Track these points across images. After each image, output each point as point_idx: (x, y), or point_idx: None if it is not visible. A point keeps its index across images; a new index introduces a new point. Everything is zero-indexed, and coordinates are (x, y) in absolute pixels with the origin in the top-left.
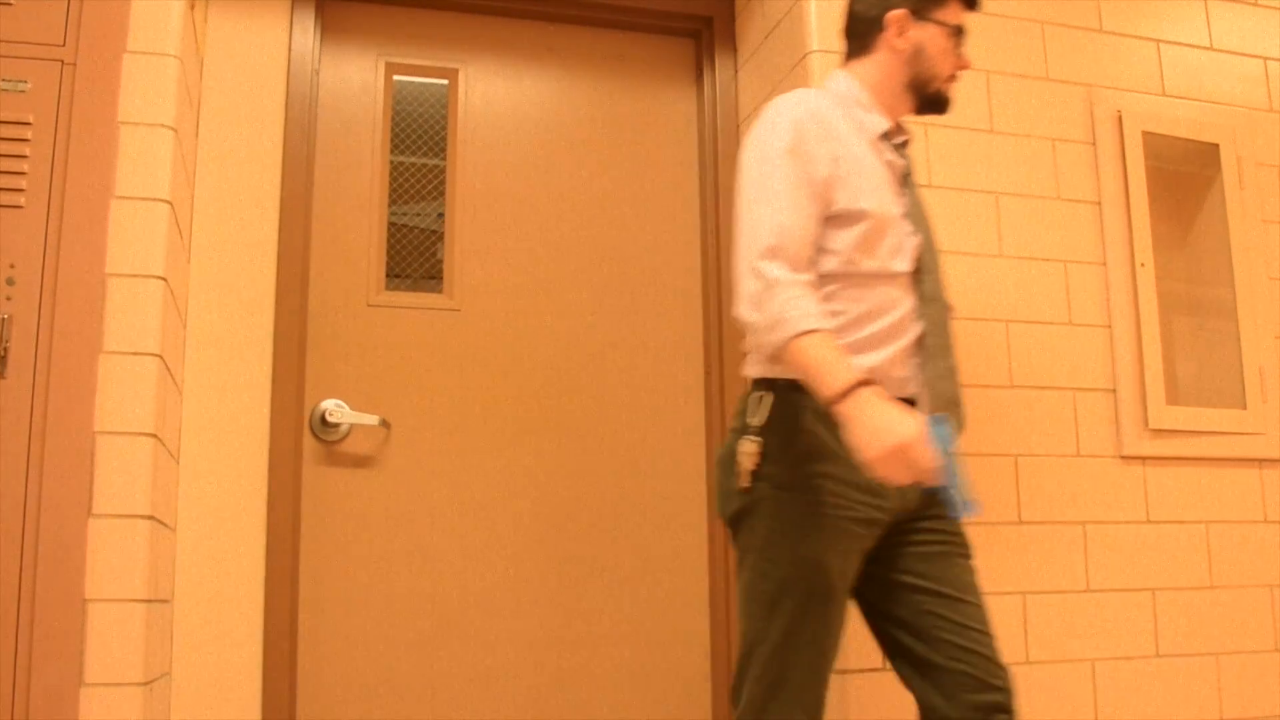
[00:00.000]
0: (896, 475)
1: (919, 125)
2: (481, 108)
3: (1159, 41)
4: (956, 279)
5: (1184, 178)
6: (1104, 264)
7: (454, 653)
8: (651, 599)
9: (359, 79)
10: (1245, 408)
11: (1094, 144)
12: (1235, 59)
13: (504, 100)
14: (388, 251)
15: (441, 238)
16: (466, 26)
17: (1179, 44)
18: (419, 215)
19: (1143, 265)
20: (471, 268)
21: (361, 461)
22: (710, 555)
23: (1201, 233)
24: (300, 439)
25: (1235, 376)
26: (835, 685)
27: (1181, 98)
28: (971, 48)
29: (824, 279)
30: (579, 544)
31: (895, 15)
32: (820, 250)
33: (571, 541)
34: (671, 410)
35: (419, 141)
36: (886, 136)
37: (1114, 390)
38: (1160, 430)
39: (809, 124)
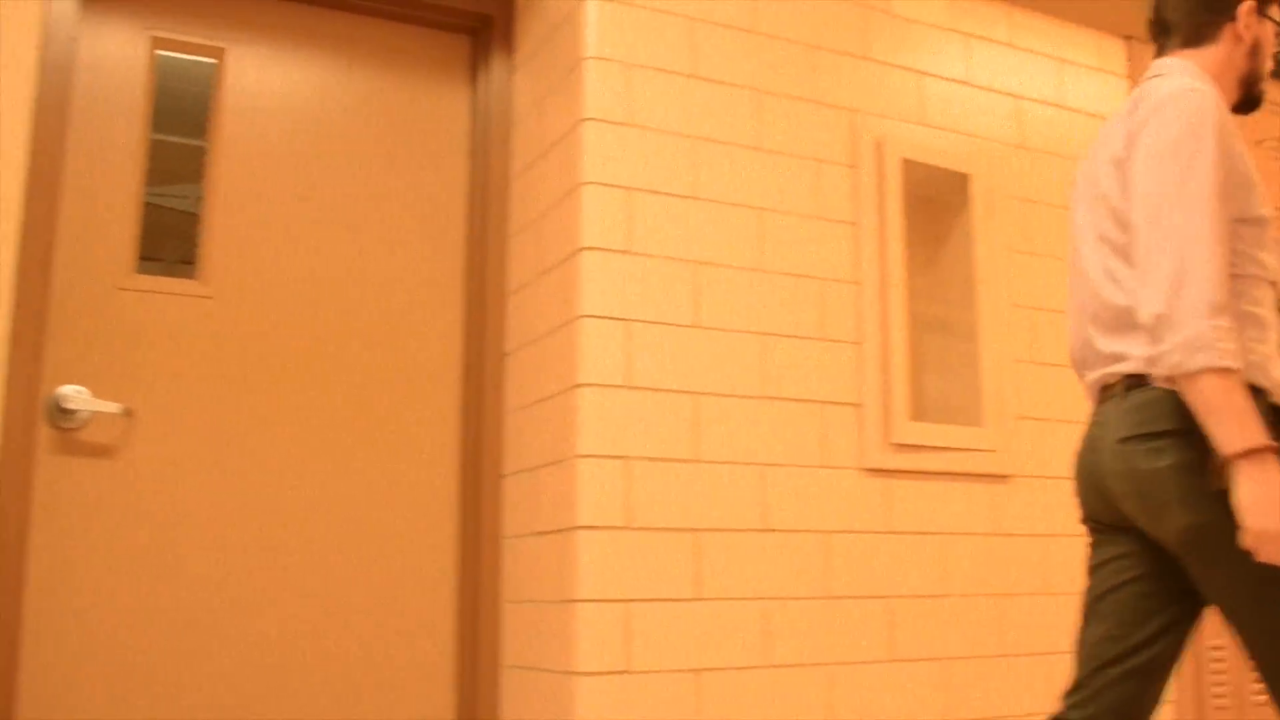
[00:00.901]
0: (1273, 555)
1: (690, 140)
2: (249, 90)
3: (922, 73)
4: (717, 290)
5: (938, 204)
6: (858, 283)
7: (197, 653)
8: (400, 593)
9: (120, 51)
10: (982, 425)
11: (855, 167)
12: (990, 95)
13: (272, 84)
14: (142, 234)
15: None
16: (238, 5)
17: (940, 77)
18: (179, 197)
19: (894, 286)
20: (228, 255)
21: (101, 451)
22: (461, 547)
23: (951, 257)
24: (34, 426)
25: (975, 395)
26: (563, 687)
27: (939, 128)
28: (743, 67)
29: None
30: (331, 536)
31: (1247, 5)
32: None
33: (324, 533)
34: (426, 403)
35: (183, 121)
36: None
37: (860, 405)
38: (903, 445)
39: (1226, 122)
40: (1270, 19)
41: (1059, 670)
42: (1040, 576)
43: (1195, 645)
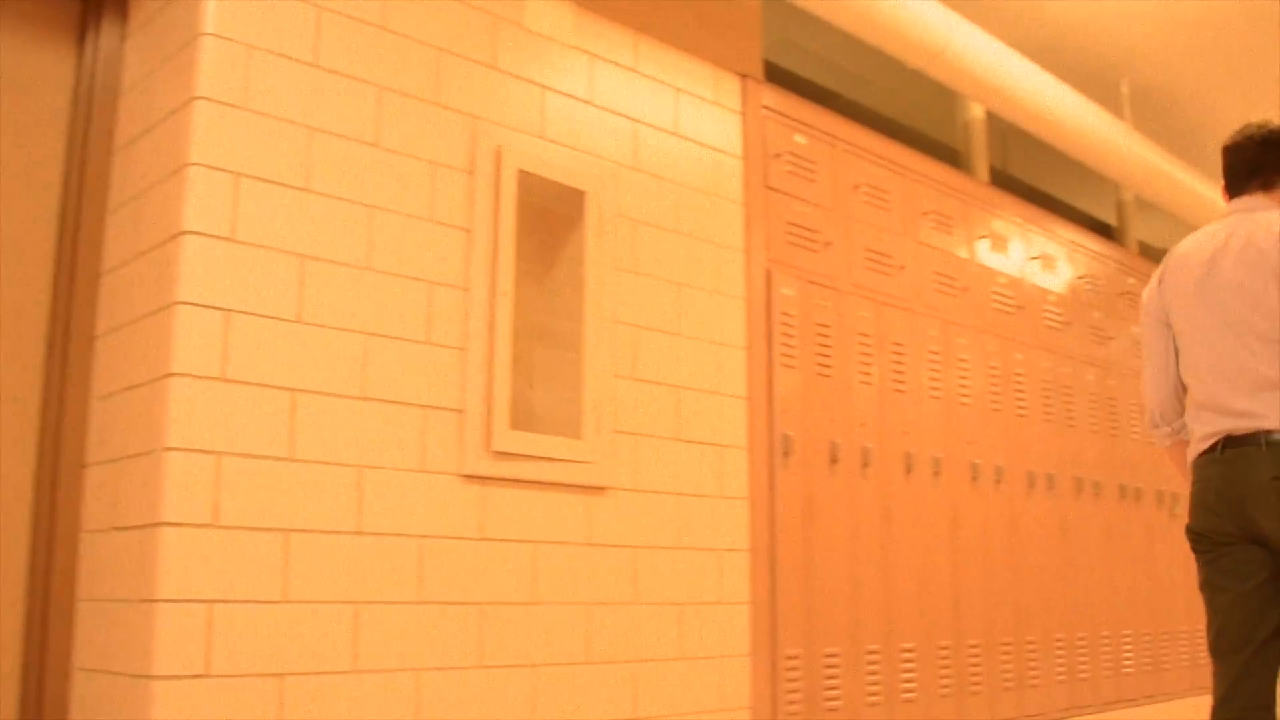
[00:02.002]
0: None
1: (306, 130)
2: None
3: (545, 88)
4: (322, 286)
5: (554, 218)
6: (467, 289)
7: None
8: None
9: None
10: (580, 437)
11: (472, 174)
12: (610, 116)
13: None
14: None
15: None
16: None
17: (563, 94)
18: None
19: (504, 294)
20: None
21: None
22: (33, 540)
23: (563, 271)
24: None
25: (576, 408)
26: (137, 691)
27: (559, 144)
28: (367, 62)
29: None
30: None
31: None
32: None
33: None
34: (6, 378)
35: None
36: None
37: (462, 410)
38: (502, 453)
39: None
40: None
41: (646, 677)
42: (631, 586)
43: (771, 653)
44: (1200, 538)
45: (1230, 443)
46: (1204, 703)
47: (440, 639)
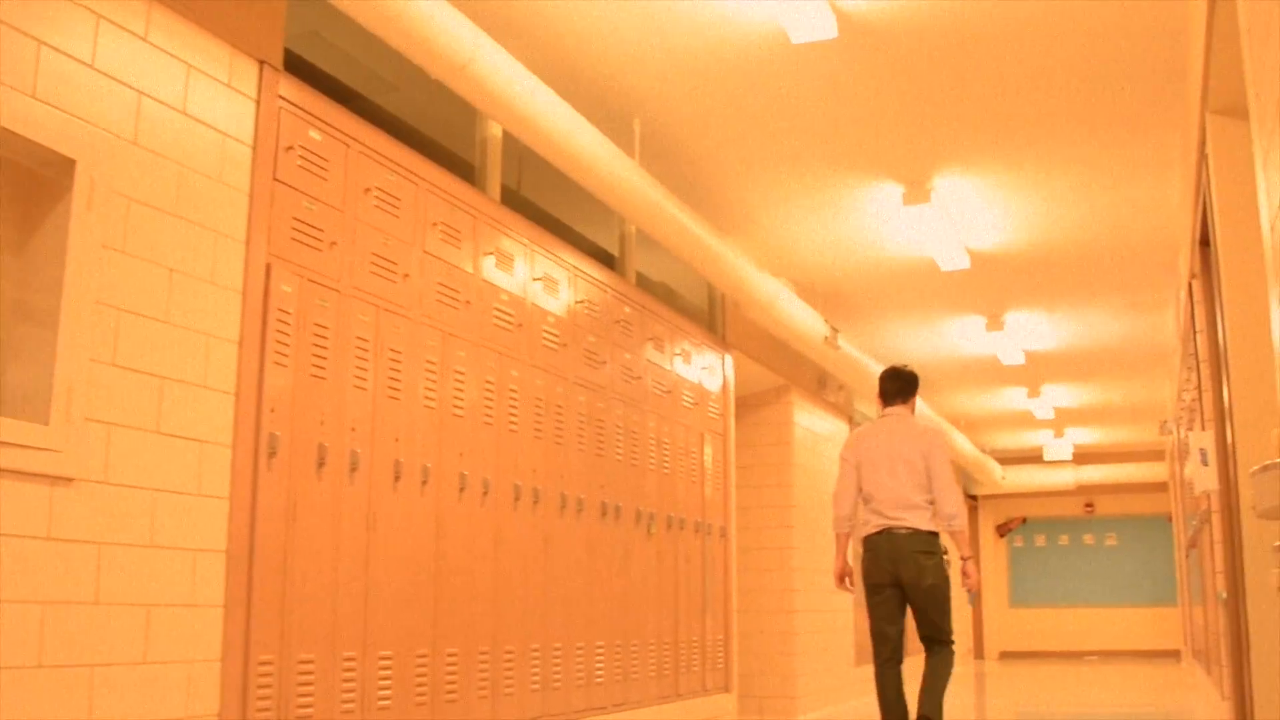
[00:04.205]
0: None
1: None
2: None
3: (41, 43)
4: None
5: (39, 183)
6: None
7: None
8: None
9: None
10: (49, 423)
11: None
12: (112, 84)
13: None
14: None
15: None
16: None
17: (60, 51)
18: None
19: None
20: None
21: None
22: None
23: (44, 242)
24: None
25: (46, 391)
26: None
27: (51, 105)
28: None
29: None
30: None
31: None
32: None
33: None
34: None
35: None
36: None
37: None
38: None
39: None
40: None
41: (105, 682)
42: (93, 586)
43: (244, 658)
44: (871, 582)
45: (888, 531)
46: (670, 710)
47: None
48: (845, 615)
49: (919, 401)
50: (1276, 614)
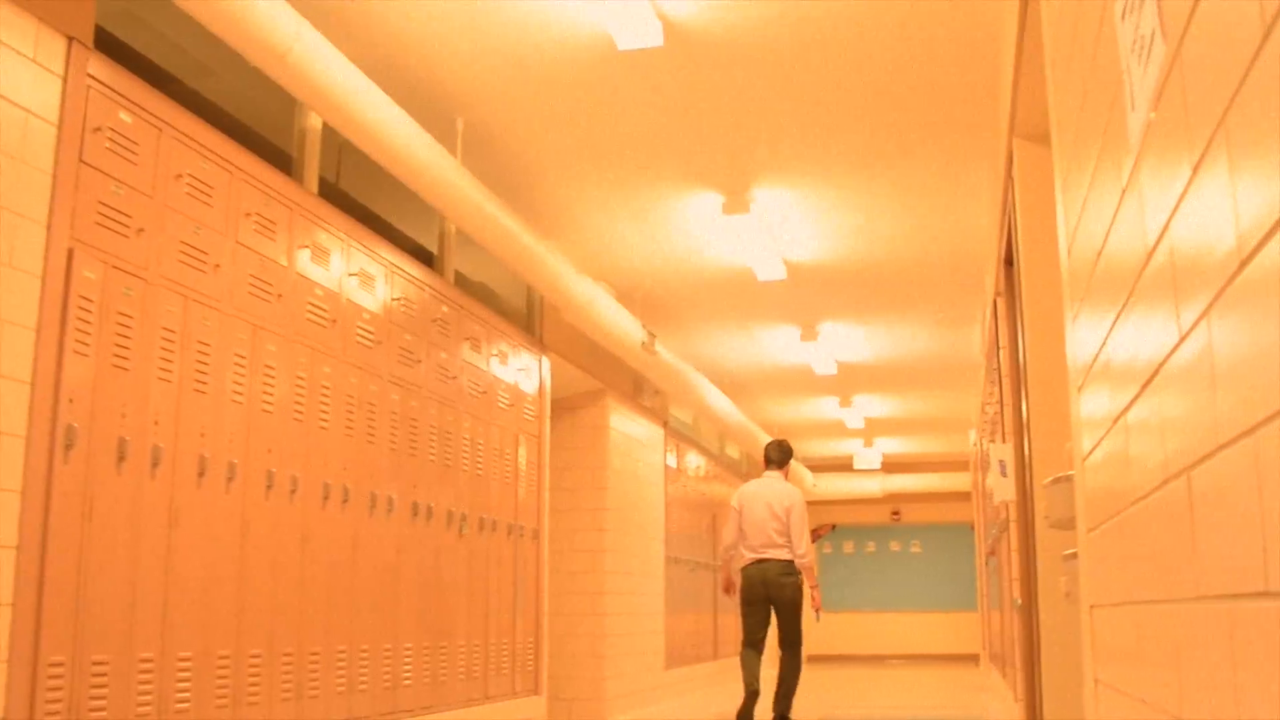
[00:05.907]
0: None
1: None
2: None
3: None
4: None
5: None
6: None
7: None
8: None
9: None
10: None
11: None
12: None
13: None
14: None
15: None
16: None
17: None
18: None
19: None
20: None
21: None
22: None
23: None
24: None
25: None
26: None
27: None
28: None
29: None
30: None
31: None
32: None
33: None
34: None
35: None
36: None
37: None
38: None
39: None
40: None
41: None
42: None
43: (33, 659)
44: (747, 599)
45: (760, 562)
46: (479, 713)
47: None
48: (656, 619)
49: (793, 463)
50: (1065, 620)
